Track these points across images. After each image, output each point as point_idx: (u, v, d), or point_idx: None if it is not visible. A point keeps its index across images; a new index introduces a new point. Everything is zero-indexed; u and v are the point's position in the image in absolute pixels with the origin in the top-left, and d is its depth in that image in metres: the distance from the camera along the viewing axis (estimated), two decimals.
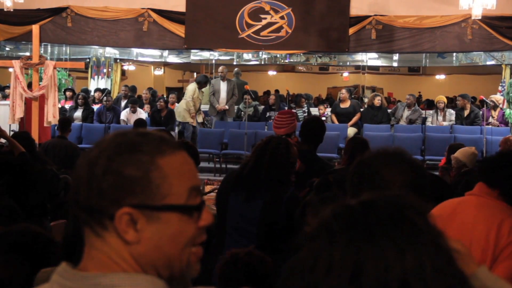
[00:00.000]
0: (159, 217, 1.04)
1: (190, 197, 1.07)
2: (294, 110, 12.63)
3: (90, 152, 1.07)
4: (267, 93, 17.19)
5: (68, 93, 13.36)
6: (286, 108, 13.43)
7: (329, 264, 0.85)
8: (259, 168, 3.38)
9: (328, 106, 13.50)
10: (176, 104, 13.65)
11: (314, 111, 13.07)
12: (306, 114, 12.46)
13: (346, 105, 12.32)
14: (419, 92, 20.63)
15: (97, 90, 14.00)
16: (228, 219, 3.40)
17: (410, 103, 12.28)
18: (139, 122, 9.25)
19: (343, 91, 12.73)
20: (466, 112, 11.99)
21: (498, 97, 12.16)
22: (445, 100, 12.35)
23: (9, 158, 5.05)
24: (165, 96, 12.94)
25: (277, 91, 16.39)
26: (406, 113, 12.25)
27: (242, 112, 12.34)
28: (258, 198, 3.34)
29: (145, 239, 1.04)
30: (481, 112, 11.92)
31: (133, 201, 1.03)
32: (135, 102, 12.44)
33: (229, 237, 3.37)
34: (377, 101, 12.24)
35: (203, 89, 12.59)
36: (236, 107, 12.92)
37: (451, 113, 12.20)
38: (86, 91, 14.05)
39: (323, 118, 12.43)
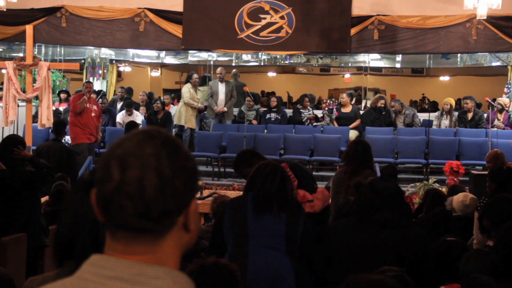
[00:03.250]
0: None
1: None
2: (301, 110, 12.66)
3: (133, 159, 1.06)
4: (273, 94, 17.15)
5: (63, 95, 13.36)
6: (285, 109, 13.45)
7: None
8: (275, 189, 3.61)
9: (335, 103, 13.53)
10: (172, 105, 13.68)
11: (317, 113, 13.07)
12: (311, 114, 12.46)
13: (347, 110, 12.33)
14: (423, 94, 20.65)
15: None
16: (251, 227, 3.58)
17: (397, 110, 12.36)
18: (131, 124, 9.16)
19: (344, 95, 12.74)
20: (470, 115, 12.00)
21: (505, 100, 12.17)
22: (453, 102, 12.35)
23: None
24: (162, 98, 12.93)
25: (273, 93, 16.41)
26: (399, 120, 12.33)
27: (245, 114, 12.36)
28: (281, 213, 3.58)
29: (195, 223, 1.13)
30: (485, 114, 11.93)
31: (196, 190, 1.12)
32: (130, 105, 12.43)
33: (253, 239, 3.56)
34: (380, 104, 12.25)
35: (200, 88, 12.60)
36: (237, 109, 12.94)
37: (456, 117, 12.23)
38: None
39: (325, 110, 12.47)
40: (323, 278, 3.48)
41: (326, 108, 12.56)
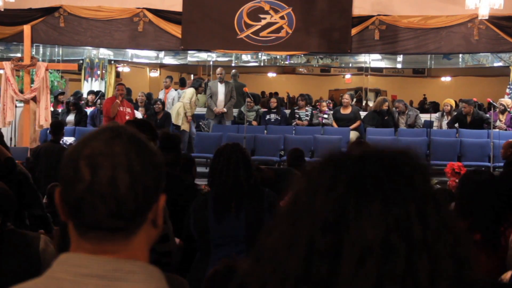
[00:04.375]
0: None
1: None
2: (296, 111, 12.65)
3: (103, 158, 1.06)
4: (275, 94, 17.17)
5: (61, 97, 13.27)
6: (285, 110, 13.44)
7: (308, 205, 0.85)
8: (231, 182, 3.42)
9: (331, 104, 13.52)
10: (173, 90, 13.67)
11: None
12: (308, 116, 12.45)
13: (347, 111, 12.32)
14: (424, 95, 20.64)
15: (90, 92, 13.99)
16: (212, 234, 3.42)
17: (400, 110, 12.34)
18: (57, 124, 8.88)
19: (346, 96, 12.72)
20: (469, 118, 11.91)
21: (507, 101, 12.16)
22: (453, 103, 12.35)
23: None
24: (162, 99, 12.93)
25: (276, 93, 16.42)
26: (402, 120, 12.33)
27: (245, 115, 12.35)
28: (240, 211, 3.41)
29: (161, 218, 1.13)
30: (488, 115, 11.91)
31: (163, 186, 1.12)
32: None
33: (215, 249, 3.41)
34: (385, 107, 12.23)
35: (199, 96, 12.64)
36: (237, 110, 12.94)
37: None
38: (78, 94, 14.01)
39: (325, 116, 12.43)
40: None
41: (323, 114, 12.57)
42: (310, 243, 0.83)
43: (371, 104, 15.74)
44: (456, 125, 12.02)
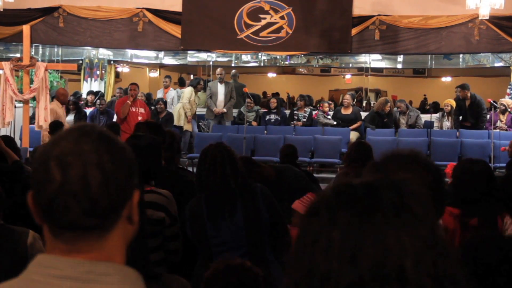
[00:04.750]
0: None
1: None
2: (295, 112, 12.65)
3: (72, 157, 1.06)
4: (277, 95, 17.15)
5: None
6: (285, 110, 13.44)
7: (328, 243, 0.90)
8: (219, 181, 3.38)
9: (332, 105, 13.52)
10: (171, 89, 13.68)
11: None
12: (306, 118, 12.44)
13: (348, 111, 12.32)
14: (424, 95, 20.65)
15: (90, 93, 14.00)
16: (212, 241, 3.37)
17: (402, 110, 12.34)
18: (56, 124, 8.68)
19: (347, 96, 12.71)
20: (467, 103, 12.01)
21: (508, 101, 12.16)
22: (453, 103, 12.36)
23: (2, 166, 5.10)
24: (164, 98, 12.93)
25: (277, 93, 16.41)
26: (403, 121, 12.32)
27: (245, 116, 12.36)
28: (235, 213, 3.36)
29: (137, 214, 1.13)
30: (490, 114, 11.91)
31: (136, 181, 1.12)
32: None
33: (217, 254, 3.34)
34: (387, 109, 12.21)
35: (199, 94, 12.63)
36: (237, 110, 12.94)
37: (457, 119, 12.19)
38: (77, 94, 14.03)
39: (329, 117, 12.43)
40: None
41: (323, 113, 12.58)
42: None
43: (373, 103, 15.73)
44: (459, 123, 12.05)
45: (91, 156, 1.05)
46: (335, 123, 12.25)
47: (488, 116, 11.93)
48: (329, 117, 12.46)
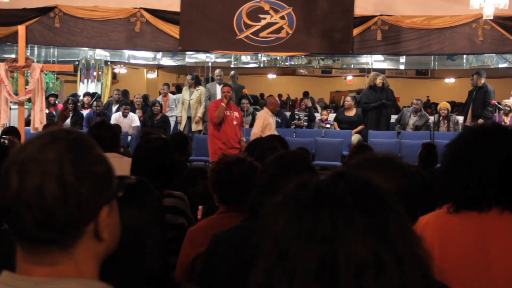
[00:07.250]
0: (113, 205, 1.10)
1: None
2: (296, 112, 12.66)
3: (33, 165, 1.02)
4: (279, 96, 17.20)
5: (51, 99, 13.11)
6: (285, 112, 13.45)
7: (298, 230, 0.93)
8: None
9: (332, 111, 13.49)
10: (170, 94, 13.71)
11: (317, 115, 13.05)
12: (300, 121, 12.47)
13: (350, 113, 12.30)
14: (427, 97, 20.65)
15: (86, 94, 13.98)
16: None
17: (417, 108, 12.26)
18: (100, 123, 8.67)
19: (348, 98, 12.69)
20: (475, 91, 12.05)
21: None
22: (449, 106, 12.35)
23: None
24: (160, 100, 12.93)
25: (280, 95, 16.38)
26: (413, 119, 12.25)
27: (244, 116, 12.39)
28: None
29: (109, 231, 1.09)
30: (494, 116, 11.90)
31: (107, 197, 1.07)
32: (127, 104, 12.37)
33: None
34: (379, 81, 12.09)
35: (199, 90, 12.63)
36: None
37: (455, 122, 12.13)
38: (75, 95, 14.03)
39: (327, 126, 12.41)
40: None
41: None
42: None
43: None
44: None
45: (52, 167, 1.01)
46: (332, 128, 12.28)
47: (493, 112, 11.94)
48: (328, 125, 12.43)
